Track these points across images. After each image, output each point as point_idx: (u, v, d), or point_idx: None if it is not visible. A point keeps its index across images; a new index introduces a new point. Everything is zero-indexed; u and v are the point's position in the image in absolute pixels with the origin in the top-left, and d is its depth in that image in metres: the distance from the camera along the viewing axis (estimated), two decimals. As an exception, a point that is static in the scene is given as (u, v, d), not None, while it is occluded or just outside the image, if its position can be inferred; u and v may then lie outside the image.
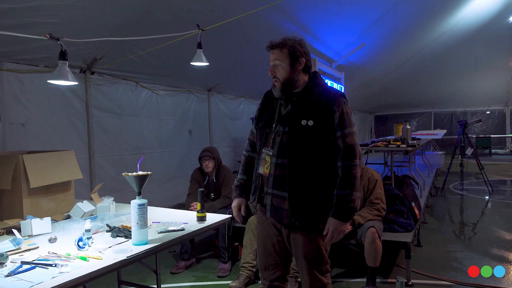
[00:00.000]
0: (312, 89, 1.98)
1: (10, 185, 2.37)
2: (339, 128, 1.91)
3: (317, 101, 1.93)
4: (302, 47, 1.99)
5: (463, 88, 12.76)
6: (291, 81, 1.97)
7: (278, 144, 1.97)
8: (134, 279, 2.99)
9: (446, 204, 6.90)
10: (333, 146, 1.92)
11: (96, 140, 4.77)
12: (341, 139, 1.91)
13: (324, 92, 1.97)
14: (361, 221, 3.27)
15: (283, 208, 1.96)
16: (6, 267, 1.66)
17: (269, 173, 1.99)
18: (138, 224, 1.93)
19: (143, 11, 3.79)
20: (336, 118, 1.91)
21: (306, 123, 1.91)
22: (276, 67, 1.98)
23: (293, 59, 1.96)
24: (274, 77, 1.99)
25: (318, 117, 1.91)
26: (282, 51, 1.97)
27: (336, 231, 1.91)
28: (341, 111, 1.92)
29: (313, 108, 1.93)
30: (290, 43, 1.97)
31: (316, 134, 1.91)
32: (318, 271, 2.03)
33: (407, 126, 5.45)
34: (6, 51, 3.60)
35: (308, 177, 1.91)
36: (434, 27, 7.99)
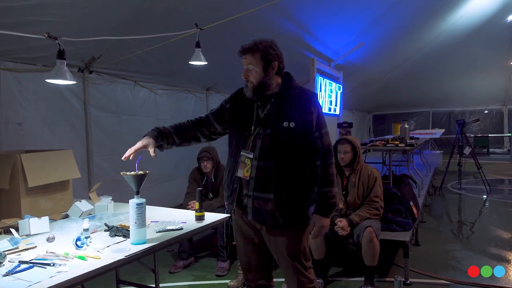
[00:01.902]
0: (289, 91, 2.03)
1: (8, 185, 2.36)
2: (317, 128, 1.99)
3: (296, 103, 1.99)
4: (275, 50, 2.00)
5: (461, 87, 12.78)
6: (264, 84, 1.99)
7: (259, 147, 1.97)
8: (132, 278, 2.98)
9: (444, 203, 6.92)
10: (312, 146, 1.99)
11: (94, 140, 4.76)
12: (319, 139, 1.99)
13: (300, 94, 2.02)
14: (358, 220, 3.27)
15: (266, 210, 1.97)
16: (4, 267, 1.65)
17: (249, 176, 1.99)
18: (136, 224, 1.92)
19: (141, 10, 3.78)
20: (314, 118, 1.98)
21: (288, 125, 1.95)
22: (249, 71, 1.99)
23: (266, 63, 1.97)
24: (248, 81, 2.01)
25: (298, 118, 1.96)
26: (254, 56, 1.97)
27: (322, 226, 2.06)
28: (317, 111, 2.00)
29: (292, 109, 1.97)
30: (262, 47, 1.97)
31: (298, 135, 1.96)
32: (303, 267, 2.06)
33: (405, 126, 5.46)
34: (4, 50, 3.59)
35: (291, 177, 1.97)
36: (432, 27, 8.00)
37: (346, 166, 3.43)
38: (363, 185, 3.40)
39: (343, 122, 5.99)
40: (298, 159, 1.97)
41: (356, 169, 3.42)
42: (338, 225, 3.26)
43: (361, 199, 3.41)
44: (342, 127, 5.76)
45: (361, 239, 3.20)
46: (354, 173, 3.42)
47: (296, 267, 2.04)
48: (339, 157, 3.41)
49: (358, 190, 3.40)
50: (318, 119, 2.00)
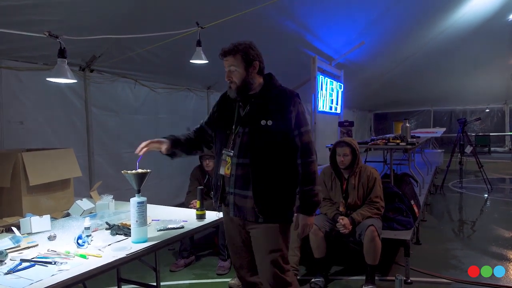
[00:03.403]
0: (269, 90, 2.07)
1: (9, 183, 2.37)
2: (296, 127, 2.01)
3: (275, 102, 2.03)
4: (254, 51, 2.06)
5: (462, 86, 12.75)
6: (246, 84, 2.04)
7: (238, 145, 2.04)
8: (133, 276, 2.98)
9: (445, 202, 6.91)
10: (292, 144, 2.01)
11: (95, 138, 4.76)
12: (298, 138, 2.01)
13: (280, 93, 2.06)
14: (359, 219, 3.27)
15: (246, 207, 2.02)
16: (5, 265, 1.66)
17: (230, 173, 2.06)
18: (137, 222, 1.93)
19: (142, 8, 3.78)
20: (293, 117, 2.01)
21: (266, 123, 1.99)
22: (232, 72, 2.04)
23: (247, 63, 2.03)
24: (231, 82, 2.05)
25: (277, 117, 2.00)
26: (236, 57, 2.03)
27: (306, 225, 2.06)
28: (297, 110, 2.03)
29: (271, 108, 2.02)
30: (242, 48, 2.03)
31: (276, 133, 2.00)
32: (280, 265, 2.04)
33: (406, 124, 5.45)
34: (5, 49, 3.59)
35: (270, 174, 2.00)
36: (434, 25, 7.98)
37: (346, 168, 3.43)
38: (363, 187, 3.40)
39: (344, 121, 5.98)
40: (277, 157, 2.00)
41: (355, 171, 3.41)
42: (340, 222, 3.26)
43: (362, 201, 3.40)
44: (343, 126, 5.75)
45: (363, 237, 3.20)
46: (353, 175, 3.41)
47: (274, 263, 2.03)
48: (338, 160, 3.40)
49: (358, 192, 3.39)
50: (298, 118, 2.02)
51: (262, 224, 2.01)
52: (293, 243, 3.37)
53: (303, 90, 8.14)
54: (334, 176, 3.50)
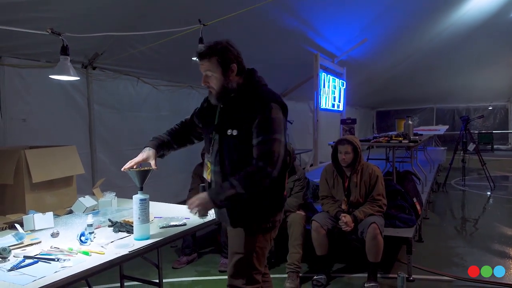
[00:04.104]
0: (243, 95, 1.91)
1: (13, 180, 2.37)
2: (256, 135, 1.83)
3: (244, 109, 1.88)
4: (232, 52, 1.90)
5: (465, 83, 12.69)
6: (225, 89, 1.90)
7: (214, 152, 1.97)
8: (136, 273, 3.00)
9: (447, 200, 6.90)
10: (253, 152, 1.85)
11: (97, 136, 4.77)
12: (256, 146, 1.83)
13: (252, 98, 1.88)
14: (362, 216, 3.27)
15: (223, 212, 1.99)
16: (8, 262, 1.67)
17: (210, 178, 2.04)
18: (140, 219, 1.93)
19: (144, 6, 3.77)
20: (256, 125, 1.83)
21: (231, 133, 1.88)
22: (208, 77, 1.91)
23: (224, 67, 1.88)
24: (209, 87, 1.93)
25: (242, 126, 1.86)
26: (211, 60, 1.88)
27: (198, 203, 1.86)
28: (261, 117, 1.82)
29: (238, 117, 1.88)
30: (218, 50, 1.88)
31: (240, 143, 1.87)
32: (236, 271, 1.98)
33: (409, 122, 5.44)
34: (8, 46, 3.60)
35: None
36: (437, 22, 7.94)
37: (347, 166, 3.42)
38: (365, 184, 3.39)
39: (346, 119, 5.98)
40: (242, 167, 1.85)
41: (357, 169, 3.41)
42: (342, 220, 3.26)
43: (364, 199, 3.40)
44: (346, 123, 5.75)
45: (365, 235, 3.20)
46: (355, 173, 3.41)
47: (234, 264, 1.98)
48: (340, 157, 3.40)
49: (360, 190, 3.39)
50: (260, 125, 1.82)
51: (235, 230, 1.99)
52: (296, 240, 3.38)
53: (305, 88, 8.18)
54: (336, 174, 3.50)
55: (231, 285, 2.00)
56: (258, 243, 1.97)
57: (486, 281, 3.26)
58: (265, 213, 1.97)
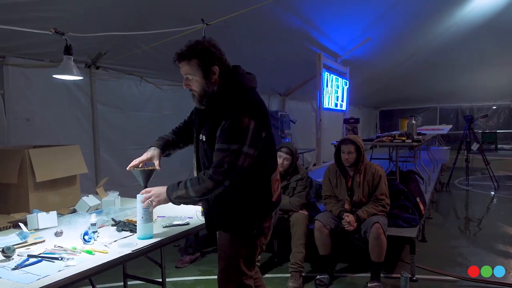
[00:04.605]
0: (218, 99, 1.82)
1: (17, 179, 2.39)
2: (217, 140, 1.75)
3: (214, 115, 1.79)
4: (213, 53, 1.79)
5: (469, 83, 12.63)
6: (207, 93, 1.82)
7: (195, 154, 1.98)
8: (139, 272, 3.01)
9: (451, 199, 6.88)
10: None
11: (101, 135, 4.78)
12: (215, 152, 1.75)
13: (224, 104, 1.79)
14: (365, 216, 3.27)
15: (206, 214, 2.00)
16: (13, 260, 1.68)
17: None
18: (143, 218, 1.94)
19: (148, 5, 3.78)
20: (219, 132, 1.75)
21: (202, 138, 1.85)
22: (189, 80, 1.83)
23: (205, 71, 1.79)
24: (190, 90, 1.86)
25: (210, 132, 1.80)
26: (191, 63, 1.79)
27: (155, 193, 1.86)
28: (225, 123, 1.73)
29: (208, 121, 1.82)
30: (199, 52, 1.77)
31: (207, 149, 1.82)
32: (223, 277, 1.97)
33: (412, 121, 5.42)
34: (11, 46, 3.61)
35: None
36: (440, 21, 7.91)
37: (350, 166, 3.41)
38: (368, 184, 3.39)
39: (349, 118, 5.96)
40: None
41: (360, 168, 3.40)
42: (345, 219, 3.26)
43: (367, 198, 3.40)
44: (349, 123, 5.74)
45: (368, 235, 3.19)
46: (358, 172, 3.40)
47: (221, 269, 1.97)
48: (343, 157, 3.39)
49: (363, 190, 3.39)
50: (222, 133, 1.74)
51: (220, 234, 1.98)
52: (299, 240, 3.38)
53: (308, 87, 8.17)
54: (339, 174, 3.50)
55: None
56: (244, 249, 1.91)
57: (490, 281, 3.25)
58: (247, 220, 1.88)
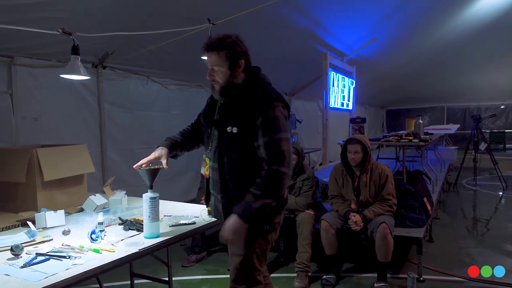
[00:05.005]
0: (245, 92, 1.87)
1: (25, 178, 2.40)
2: (261, 135, 1.79)
3: (245, 106, 1.83)
4: (241, 47, 1.88)
5: (477, 82, 12.52)
6: (231, 84, 1.87)
7: (213, 148, 1.95)
8: (146, 271, 3.02)
9: (458, 199, 6.82)
10: (257, 153, 1.82)
11: (108, 134, 4.81)
12: (263, 147, 1.78)
13: (254, 96, 1.84)
14: (371, 216, 3.25)
15: (219, 209, 1.97)
16: (21, 259, 1.69)
17: (208, 175, 2.03)
18: (149, 218, 1.95)
19: (154, 5, 3.79)
20: (259, 124, 1.79)
21: (231, 130, 1.84)
22: (214, 71, 1.87)
23: (232, 62, 1.85)
24: (214, 81, 1.89)
25: (242, 124, 1.82)
26: (220, 54, 1.84)
27: (229, 229, 1.78)
28: (266, 115, 1.78)
29: (239, 114, 1.84)
30: (228, 44, 1.85)
31: (240, 142, 1.83)
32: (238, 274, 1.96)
33: (419, 121, 5.38)
34: (19, 46, 3.64)
35: (238, 182, 1.87)
36: (448, 20, 7.85)
37: (357, 165, 3.40)
38: (374, 184, 3.37)
39: (356, 118, 5.94)
40: (246, 164, 1.85)
41: (366, 168, 3.38)
42: (352, 219, 3.24)
43: (374, 198, 3.38)
44: (355, 122, 5.71)
45: (375, 235, 3.18)
46: (365, 172, 3.38)
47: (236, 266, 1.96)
48: (349, 157, 3.38)
49: (369, 189, 3.37)
50: (265, 124, 1.78)
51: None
52: (305, 239, 3.37)
53: (314, 87, 8.14)
54: (346, 173, 3.48)
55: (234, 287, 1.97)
56: (257, 244, 1.93)
57: (497, 282, 3.22)
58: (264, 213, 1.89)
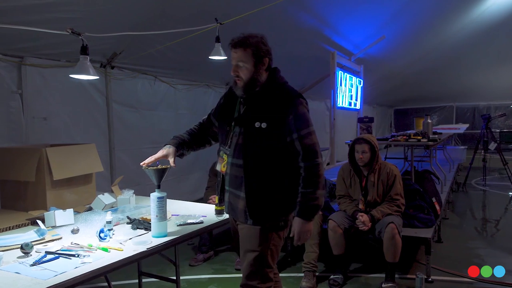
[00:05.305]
0: (269, 90, 1.96)
1: (34, 177, 2.43)
2: (295, 130, 1.89)
3: (273, 103, 1.92)
4: (265, 46, 1.96)
5: (486, 81, 12.38)
6: (254, 81, 1.94)
7: (234, 145, 1.97)
8: (153, 270, 3.03)
9: (468, 200, 6.76)
10: (291, 148, 1.91)
11: (116, 134, 4.84)
12: (298, 141, 1.89)
13: (280, 93, 1.95)
14: (379, 216, 3.23)
15: (237, 207, 1.98)
16: (31, 257, 1.71)
17: (225, 171, 2.03)
18: (157, 217, 1.95)
19: (161, 5, 3.81)
20: (291, 120, 1.89)
21: (260, 125, 1.90)
22: (239, 68, 1.94)
23: (257, 59, 1.93)
24: (237, 77, 1.95)
25: (272, 120, 1.90)
26: (246, 51, 1.92)
27: (302, 232, 1.93)
28: (296, 112, 1.90)
29: (267, 110, 1.92)
30: (254, 42, 1.93)
31: (270, 137, 1.90)
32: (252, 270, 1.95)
33: (428, 120, 5.34)
34: (29, 46, 3.68)
35: (263, 178, 1.92)
36: (457, 19, 7.77)
37: (364, 165, 3.38)
38: (382, 184, 3.35)
39: (364, 117, 5.91)
40: (272, 160, 1.92)
41: (374, 168, 3.37)
42: (359, 219, 3.23)
43: (381, 198, 3.36)
44: (363, 122, 5.69)
45: (383, 235, 3.16)
46: (373, 172, 3.37)
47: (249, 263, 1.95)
48: (357, 157, 3.36)
49: (377, 189, 3.35)
50: (297, 120, 1.89)
51: (252, 228, 1.96)
52: (312, 239, 3.36)
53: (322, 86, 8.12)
54: (353, 173, 3.46)
55: (246, 284, 1.98)
56: (272, 241, 1.97)
57: (507, 283, 3.19)
58: (281, 211, 1.97)
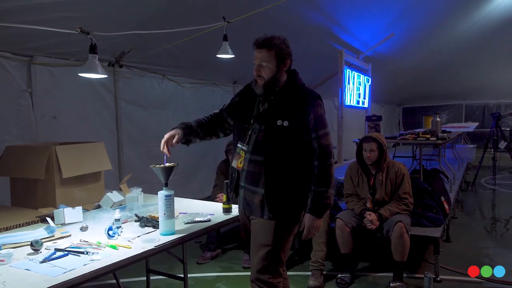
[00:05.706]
0: (290, 90, 2.04)
1: (44, 175, 2.45)
2: (314, 129, 1.98)
3: (294, 102, 2.00)
4: (288, 48, 2.03)
5: (496, 79, 12.23)
6: (275, 81, 2.01)
7: (253, 141, 2.02)
8: (161, 268, 3.05)
9: (477, 199, 6.70)
10: (308, 146, 1.99)
11: (124, 132, 4.87)
12: (316, 140, 1.98)
13: (301, 93, 2.04)
14: (387, 215, 3.21)
15: (254, 202, 2.02)
16: (41, 254, 1.73)
17: (242, 167, 2.06)
18: (165, 215, 1.96)
19: (169, 4, 3.81)
20: (311, 120, 1.98)
21: (282, 123, 1.97)
22: (262, 67, 2.00)
23: (279, 60, 2.00)
24: (259, 76, 2.01)
25: (293, 118, 1.97)
26: (270, 52, 1.98)
27: (312, 227, 2.03)
28: (316, 113, 1.99)
29: (289, 109, 1.99)
30: (278, 43, 1.99)
31: (291, 134, 1.97)
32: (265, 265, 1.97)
33: (437, 119, 5.30)
34: (39, 46, 3.71)
35: (282, 174, 1.98)
36: (467, 16, 7.69)
37: (372, 164, 3.36)
38: (390, 183, 3.33)
39: (372, 115, 5.88)
40: (291, 158, 1.98)
41: (382, 167, 3.35)
42: (367, 218, 3.22)
43: (389, 197, 3.34)
44: (371, 120, 5.65)
45: (391, 234, 3.14)
46: (381, 171, 3.35)
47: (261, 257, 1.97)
48: (365, 155, 3.34)
49: (385, 188, 3.33)
50: (316, 120, 1.98)
51: (268, 223, 1.99)
52: (320, 238, 3.35)
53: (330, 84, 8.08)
54: (361, 172, 3.45)
55: (258, 279, 1.99)
56: (285, 237, 2.02)
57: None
58: (296, 207, 2.03)
